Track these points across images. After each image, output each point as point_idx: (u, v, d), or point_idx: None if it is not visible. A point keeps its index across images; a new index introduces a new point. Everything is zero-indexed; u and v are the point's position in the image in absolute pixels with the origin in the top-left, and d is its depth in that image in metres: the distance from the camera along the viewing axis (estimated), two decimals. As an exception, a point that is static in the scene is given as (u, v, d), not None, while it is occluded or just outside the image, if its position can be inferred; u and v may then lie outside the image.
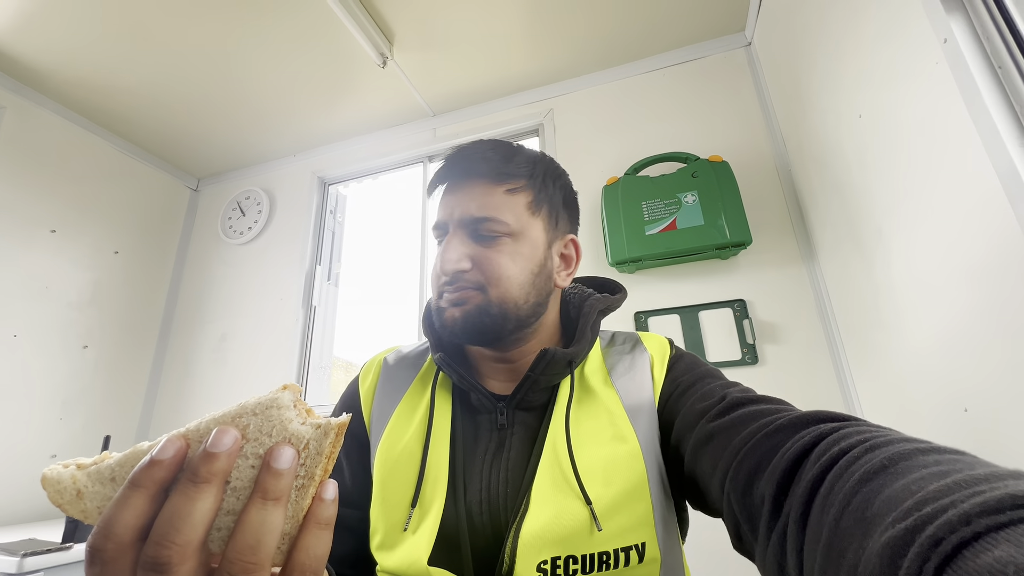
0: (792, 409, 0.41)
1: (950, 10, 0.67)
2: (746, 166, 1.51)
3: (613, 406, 0.52)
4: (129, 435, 1.95)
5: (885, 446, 0.27)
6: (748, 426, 0.40)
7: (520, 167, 0.56)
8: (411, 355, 0.64)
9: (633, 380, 0.55)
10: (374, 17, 1.53)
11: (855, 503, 0.25)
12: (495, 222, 0.53)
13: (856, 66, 0.98)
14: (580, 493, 0.46)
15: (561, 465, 0.49)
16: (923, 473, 0.23)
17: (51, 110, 1.79)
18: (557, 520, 0.45)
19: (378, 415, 0.58)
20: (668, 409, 0.52)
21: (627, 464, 0.48)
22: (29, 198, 1.71)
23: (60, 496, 0.22)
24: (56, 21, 1.47)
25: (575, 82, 1.83)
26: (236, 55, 1.64)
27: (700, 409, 0.47)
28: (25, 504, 1.59)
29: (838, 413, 0.35)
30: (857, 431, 0.31)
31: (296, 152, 2.22)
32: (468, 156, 0.56)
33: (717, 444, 0.42)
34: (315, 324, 1.98)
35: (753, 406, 0.42)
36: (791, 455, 0.32)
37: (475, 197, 0.54)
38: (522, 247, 0.54)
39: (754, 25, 1.57)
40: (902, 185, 0.88)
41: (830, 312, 1.29)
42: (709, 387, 0.50)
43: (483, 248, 0.53)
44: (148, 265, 2.12)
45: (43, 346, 1.71)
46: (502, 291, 0.52)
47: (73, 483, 0.22)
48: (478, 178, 0.55)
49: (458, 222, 0.54)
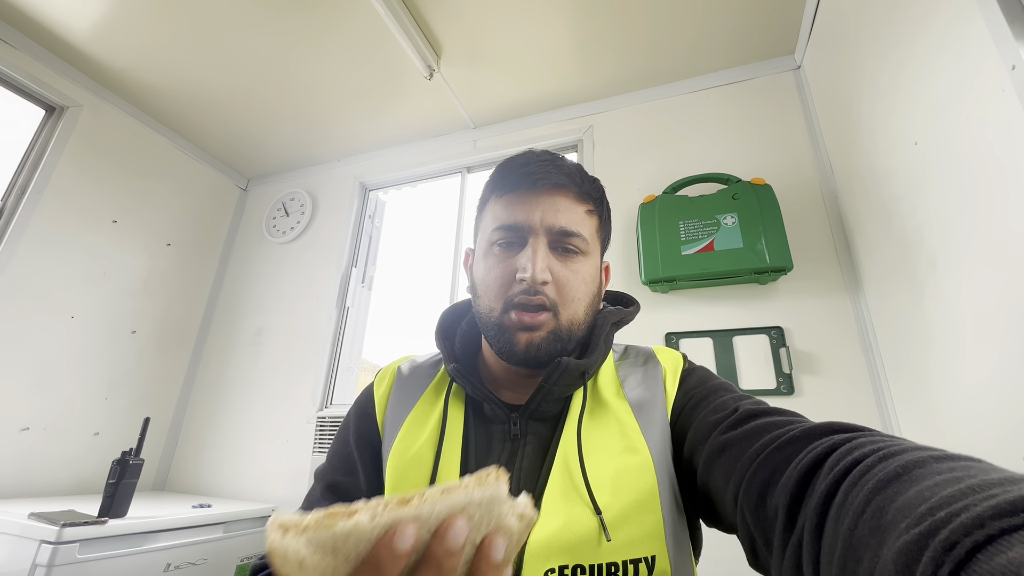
0: (805, 421, 0.40)
1: (1019, 36, 0.65)
2: (790, 190, 1.47)
3: (625, 417, 0.52)
4: (167, 418, 2.04)
5: (899, 455, 0.27)
6: (761, 438, 0.39)
7: (595, 191, 0.57)
8: (424, 365, 0.64)
9: (645, 392, 0.54)
10: (424, 31, 1.59)
11: (869, 511, 0.24)
12: (579, 238, 0.54)
13: (913, 92, 0.95)
14: (590, 502, 0.46)
15: (572, 475, 0.48)
16: (937, 479, 0.23)
17: (122, 109, 1.93)
18: (566, 528, 0.45)
19: (391, 421, 0.58)
20: (680, 422, 0.51)
21: (638, 475, 0.47)
22: (96, 190, 1.84)
23: (285, 567, 0.22)
24: (133, 27, 1.59)
25: (617, 100, 1.84)
26: (293, 63, 1.73)
27: (713, 421, 0.46)
28: (68, 477, 1.67)
29: (851, 424, 0.35)
30: (870, 441, 0.30)
31: (341, 157, 2.30)
32: (554, 167, 0.54)
33: (730, 456, 0.41)
34: (347, 325, 2.03)
35: (766, 418, 0.42)
36: (804, 466, 0.32)
37: (562, 209, 0.53)
38: (590, 268, 0.55)
39: (804, 49, 1.54)
40: (960, 216, 0.84)
41: (874, 345, 1.24)
42: (722, 399, 0.49)
43: (561, 264, 0.53)
44: (196, 258, 2.23)
45: (96, 329, 1.81)
46: (571, 313, 0.53)
47: (296, 554, 0.22)
48: (565, 191, 0.54)
49: (545, 229, 0.53)
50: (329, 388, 1.93)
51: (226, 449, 1.95)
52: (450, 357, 0.57)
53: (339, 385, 1.95)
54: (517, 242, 0.54)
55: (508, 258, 0.54)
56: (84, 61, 1.73)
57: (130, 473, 1.28)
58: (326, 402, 1.90)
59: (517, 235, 0.54)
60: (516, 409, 0.54)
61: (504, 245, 0.55)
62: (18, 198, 1.64)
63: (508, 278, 0.53)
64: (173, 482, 2.00)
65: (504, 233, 0.54)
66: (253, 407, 1.98)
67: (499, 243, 0.55)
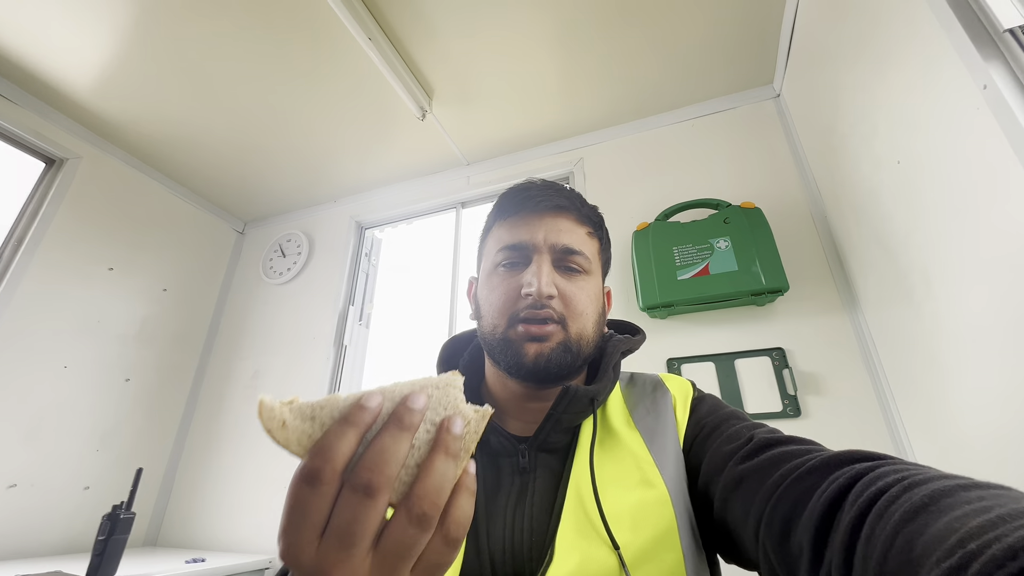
0: (823, 449, 0.39)
1: (988, 57, 0.67)
2: (780, 214, 1.49)
3: (638, 449, 0.50)
4: (160, 469, 1.97)
5: (924, 484, 0.26)
6: (779, 468, 0.38)
7: (594, 216, 0.60)
8: None
9: (656, 422, 0.53)
10: (416, 74, 1.64)
11: (898, 545, 0.23)
12: (582, 256, 0.55)
13: (892, 113, 0.98)
14: (607, 538, 0.44)
15: (586, 509, 0.46)
16: (966, 509, 0.22)
17: (120, 159, 1.96)
18: (583, 568, 0.43)
19: None
20: (694, 452, 0.50)
21: (656, 511, 0.46)
22: (93, 238, 1.85)
23: (271, 422, 0.25)
24: (132, 80, 1.64)
25: (605, 132, 1.89)
26: (289, 110, 1.78)
27: (727, 451, 0.45)
28: (56, 536, 1.60)
29: (872, 452, 0.34)
30: (893, 469, 0.29)
31: (337, 198, 2.34)
32: (555, 191, 0.57)
33: (748, 488, 0.40)
34: (345, 364, 2.01)
35: (782, 447, 0.41)
36: (827, 498, 0.31)
37: (564, 229, 0.55)
38: (593, 287, 0.56)
39: (782, 78, 1.60)
40: (948, 231, 0.85)
41: (877, 361, 1.23)
42: (735, 428, 0.47)
43: (566, 280, 0.54)
44: (192, 302, 2.22)
45: (89, 378, 1.78)
46: (580, 327, 0.53)
47: (281, 414, 0.25)
48: (566, 212, 0.57)
49: (549, 247, 0.54)
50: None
51: (221, 498, 1.89)
52: None
53: (338, 426, 1.90)
54: (521, 261, 0.55)
55: (513, 277, 0.54)
56: (85, 114, 1.77)
57: (120, 528, 1.22)
58: (324, 444, 1.85)
59: (521, 254, 0.55)
60: (524, 440, 0.53)
61: (508, 265, 0.56)
62: (15, 249, 1.64)
63: (513, 294, 0.53)
64: (166, 536, 1.91)
65: (508, 253, 0.55)
66: (249, 453, 1.93)
67: (504, 264, 0.56)
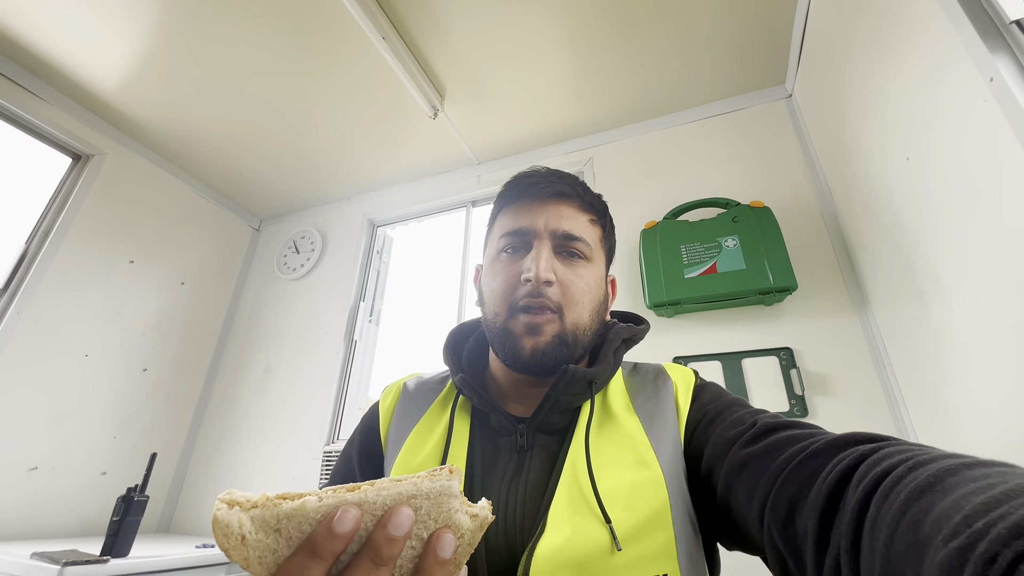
0: (826, 433, 0.39)
1: (994, 50, 0.67)
2: (790, 213, 1.48)
3: (635, 432, 0.51)
4: (174, 458, 2.02)
5: (928, 463, 0.26)
6: (783, 452, 0.38)
7: (597, 203, 0.60)
8: (431, 380, 0.64)
9: (656, 407, 0.54)
10: (428, 74, 1.67)
11: (904, 525, 0.23)
12: (583, 243, 0.56)
13: (901, 110, 0.98)
14: (600, 513, 0.45)
15: (581, 486, 0.47)
16: (971, 487, 0.22)
17: (143, 156, 2.03)
18: (574, 541, 0.43)
19: (395, 436, 0.58)
20: (696, 438, 0.50)
21: (649, 491, 0.46)
22: (116, 231, 1.91)
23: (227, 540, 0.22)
24: (157, 80, 1.70)
25: (616, 132, 1.90)
26: (305, 110, 1.82)
27: (731, 436, 0.45)
28: (73, 519, 1.65)
29: (875, 434, 0.34)
30: (898, 450, 0.29)
31: (350, 196, 2.38)
32: (558, 178, 0.58)
33: (752, 472, 0.40)
34: (354, 360, 2.04)
35: (786, 431, 0.41)
36: (832, 480, 0.31)
37: (565, 216, 0.56)
38: (594, 275, 0.57)
39: (794, 78, 1.59)
40: (958, 227, 0.85)
41: (887, 363, 1.21)
42: (738, 414, 0.48)
43: (565, 267, 0.55)
44: (209, 296, 2.28)
45: (109, 367, 1.84)
46: (576, 316, 0.53)
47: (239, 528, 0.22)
48: (568, 199, 0.57)
49: (549, 233, 0.55)
50: (336, 422, 1.91)
51: (232, 487, 1.91)
52: (457, 369, 0.58)
53: (346, 419, 1.94)
54: (523, 247, 0.56)
55: (514, 263, 0.55)
56: (110, 112, 1.84)
57: (134, 510, 1.26)
58: (333, 437, 1.88)
59: (522, 240, 0.56)
60: (523, 421, 0.54)
61: (511, 251, 0.57)
62: (41, 241, 1.71)
63: (513, 280, 0.54)
64: (178, 524, 1.96)
65: (510, 239, 0.57)
66: (260, 444, 1.97)
67: (506, 249, 0.57)
